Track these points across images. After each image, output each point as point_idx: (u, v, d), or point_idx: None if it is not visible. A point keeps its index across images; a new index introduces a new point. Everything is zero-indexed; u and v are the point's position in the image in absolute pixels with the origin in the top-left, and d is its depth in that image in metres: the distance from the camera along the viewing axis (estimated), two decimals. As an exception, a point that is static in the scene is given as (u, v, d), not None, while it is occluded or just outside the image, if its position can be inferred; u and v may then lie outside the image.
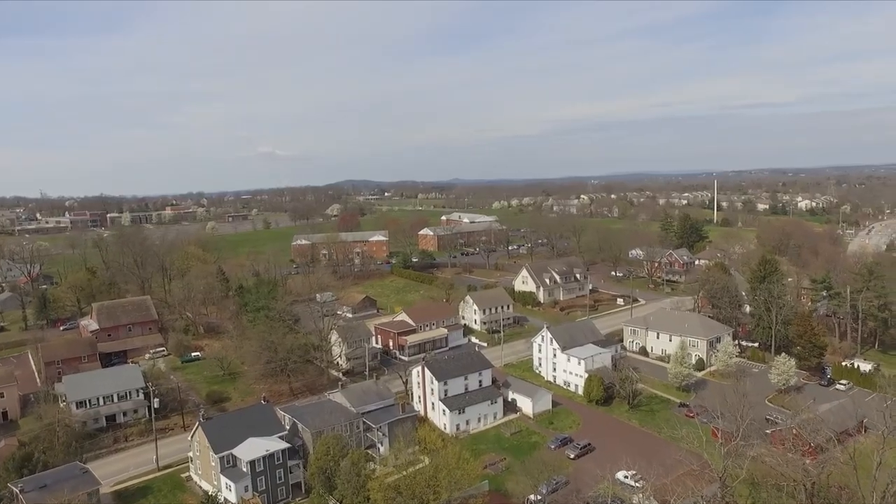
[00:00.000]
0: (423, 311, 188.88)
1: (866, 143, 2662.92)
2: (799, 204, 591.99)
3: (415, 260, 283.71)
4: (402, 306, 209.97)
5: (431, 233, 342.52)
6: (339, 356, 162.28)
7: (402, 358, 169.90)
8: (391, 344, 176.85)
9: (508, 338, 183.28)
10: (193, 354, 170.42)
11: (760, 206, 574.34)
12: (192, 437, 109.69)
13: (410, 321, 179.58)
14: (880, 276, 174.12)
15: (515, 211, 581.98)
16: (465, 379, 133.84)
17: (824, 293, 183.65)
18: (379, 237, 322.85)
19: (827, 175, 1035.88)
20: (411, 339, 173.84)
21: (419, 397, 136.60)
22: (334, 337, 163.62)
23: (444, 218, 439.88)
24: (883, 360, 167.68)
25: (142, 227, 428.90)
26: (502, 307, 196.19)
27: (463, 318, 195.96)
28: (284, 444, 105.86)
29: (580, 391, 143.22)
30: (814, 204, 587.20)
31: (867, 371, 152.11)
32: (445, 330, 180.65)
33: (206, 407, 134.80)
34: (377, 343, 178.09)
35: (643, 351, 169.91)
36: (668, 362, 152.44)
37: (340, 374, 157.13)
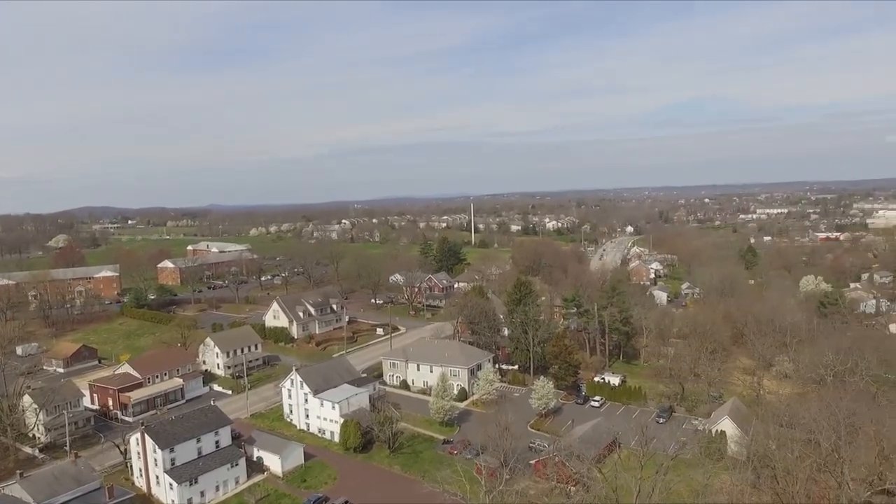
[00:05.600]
0: (153, 359, 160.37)
1: (597, 168, 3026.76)
2: (547, 224, 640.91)
3: (152, 297, 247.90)
4: (131, 354, 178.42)
5: (173, 265, 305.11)
6: (35, 427, 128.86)
7: (127, 419, 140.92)
8: (111, 403, 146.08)
9: (257, 382, 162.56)
10: None
11: (514, 228, 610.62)
12: None
13: (136, 373, 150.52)
14: (622, 293, 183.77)
15: (273, 238, 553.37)
16: (198, 441, 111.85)
17: (574, 310, 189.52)
18: (107, 273, 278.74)
19: (569, 198, 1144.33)
20: (136, 395, 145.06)
21: (140, 470, 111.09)
22: (27, 402, 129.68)
23: (189, 248, 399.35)
24: (627, 370, 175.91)
25: None
26: (249, 347, 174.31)
27: (204, 363, 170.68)
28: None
29: (337, 438, 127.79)
30: (560, 224, 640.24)
31: (616, 385, 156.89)
32: (181, 380, 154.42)
33: None
34: (93, 403, 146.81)
35: (404, 385, 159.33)
36: (430, 395, 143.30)
37: (36, 451, 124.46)
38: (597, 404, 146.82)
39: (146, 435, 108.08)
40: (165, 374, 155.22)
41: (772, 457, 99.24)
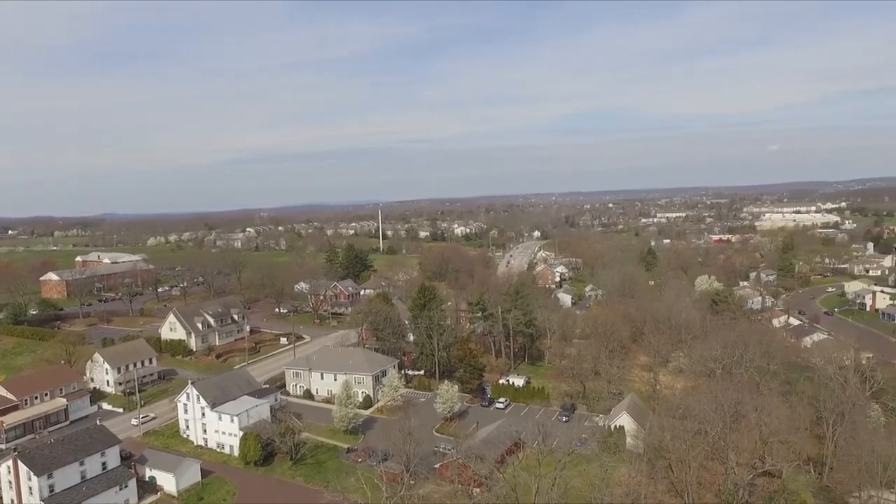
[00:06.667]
0: (32, 379, 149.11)
1: (506, 175, 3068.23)
2: (456, 230, 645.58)
3: (33, 312, 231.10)
4: (6, 375, 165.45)
5: (58, 277, 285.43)
6: None
7: None
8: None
9: (152, 398, 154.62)
10: None
11: (423, 234, 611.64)
12: None
13: (10, 395, 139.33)
14: (525, 296, 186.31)
15: (173, 247, 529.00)
16: (82, 464, 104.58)
17: (480, 314, 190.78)
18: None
19: (478, 204, 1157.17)
20: (10, 418, 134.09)
21: (13, 501, 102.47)
22: None
23: (79, 259, 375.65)
24: (532, 371, 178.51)
25: None
26: (143, 362, 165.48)
27: (92, 380, 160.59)
28: None
29: (236, 452, 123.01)
30: (468, 230, 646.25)
31: (521, 386, 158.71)
32: (64, 400, 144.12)
33: None
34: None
35: (308, 394, 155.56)
36: (334, 404, 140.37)
37: None
38: (502, 406, 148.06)
39: (19, 461, 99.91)
40: (46, 395, 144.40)
41: (667, 448, 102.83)
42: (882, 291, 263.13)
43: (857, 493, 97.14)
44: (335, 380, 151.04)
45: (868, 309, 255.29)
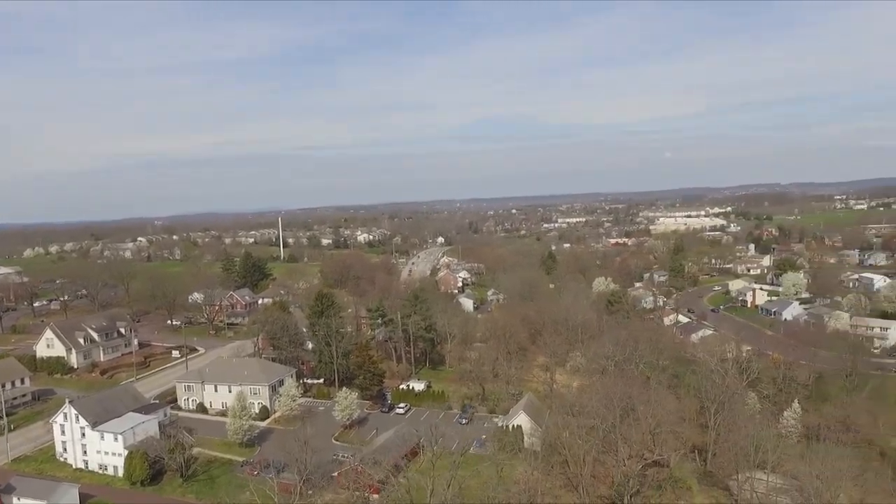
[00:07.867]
0: None
1: (411, 182, 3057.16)
2: (359, 237, 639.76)
3: None
4: None
5: None
6: None
7: None
8: None
9: (24, 421, 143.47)
10: None
11: (325, 241, 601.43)
12: None
13: None
14: (424, 301, 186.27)
15: (54, 259, 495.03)
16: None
17: (380, 320, 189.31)
18: None
19: (382, 211, 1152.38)
20: None
21: None
22: None
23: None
24: (433, 376, 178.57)
25: None
26: (13, 382, 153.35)
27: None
28: None
29: (121, 473, 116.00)
30: (371, 237, 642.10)
31: (421, 390, 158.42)
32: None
33: None
34: None
35: (201, 408, 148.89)
36: (228, 416, 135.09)
37: None
38: (402, 411, 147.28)
39: None
40: None
41: (562, 444, 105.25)
42: (761, 289, 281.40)
43: (736, 476, 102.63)
44: (230, 392, 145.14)
45: (749, 305, 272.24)
